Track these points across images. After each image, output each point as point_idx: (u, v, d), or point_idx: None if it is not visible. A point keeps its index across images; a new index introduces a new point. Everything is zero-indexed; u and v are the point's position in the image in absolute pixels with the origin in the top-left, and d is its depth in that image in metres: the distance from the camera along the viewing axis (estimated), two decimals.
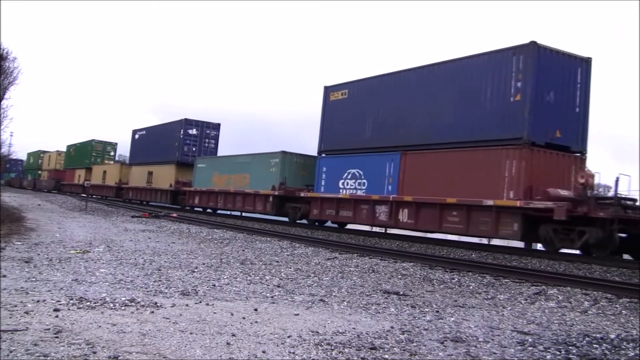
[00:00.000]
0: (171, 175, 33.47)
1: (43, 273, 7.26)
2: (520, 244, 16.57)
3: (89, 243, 11.59)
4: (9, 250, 9.29)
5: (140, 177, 38.02)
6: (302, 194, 22.03)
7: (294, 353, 4.19)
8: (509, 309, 6.92)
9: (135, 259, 9.53)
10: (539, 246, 19.15)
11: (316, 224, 22.51)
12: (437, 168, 16.18)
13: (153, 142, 38.16)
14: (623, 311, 7.07)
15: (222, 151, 34.93)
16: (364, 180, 18.75)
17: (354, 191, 19.06)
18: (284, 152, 23.87)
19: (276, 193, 23.17)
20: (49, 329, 4.32)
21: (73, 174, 53.35)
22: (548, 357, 4.52)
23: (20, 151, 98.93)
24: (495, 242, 18.99)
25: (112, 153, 51.47)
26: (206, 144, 34.45)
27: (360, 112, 19.54)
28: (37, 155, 70.26)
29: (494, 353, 4.55)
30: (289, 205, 23.13)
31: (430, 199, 15.93)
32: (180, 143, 33.65)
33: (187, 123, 33.98)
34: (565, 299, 7.80)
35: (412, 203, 16.58)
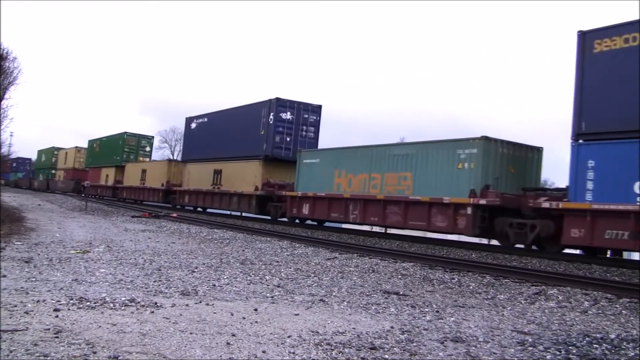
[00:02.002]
0: (256, 175, 25.15)
1: (43, 273, 7.27)
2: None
3: (89, 243, 11.60)
4: (9, 250, 9.30)
5: (202, 178, 29.71)
6: (543, 204, 13.62)
7: (294, 353, 4.19)
8: (509, 309, 6.92)
9: (135, 259, 9.53)
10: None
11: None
12: None
13: (223, 132, 29.12)
14: (623, 311, 7.08)
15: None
16: None
17: None
18: (486, 139, 15.50)
19: (483, 202, 14.85)
20: (49, 329, 4.33)
21: (98, 174, 45.26)
22: (548, 357, 4.52)
23: (21, 150, 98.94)
24: (495, 241, 18.88)
25: (147, 148, 43.70)
26: (304, 133, 25.46)
27: None
28: (50, 152, 61.87)
29: (494, 353, 4.56)
30: (507, 221, 14.77)
31: None
32: (270, 131, 24.90)
33: (280, 104, 24.97)
34: (565, 299, 7.81)
35: None
